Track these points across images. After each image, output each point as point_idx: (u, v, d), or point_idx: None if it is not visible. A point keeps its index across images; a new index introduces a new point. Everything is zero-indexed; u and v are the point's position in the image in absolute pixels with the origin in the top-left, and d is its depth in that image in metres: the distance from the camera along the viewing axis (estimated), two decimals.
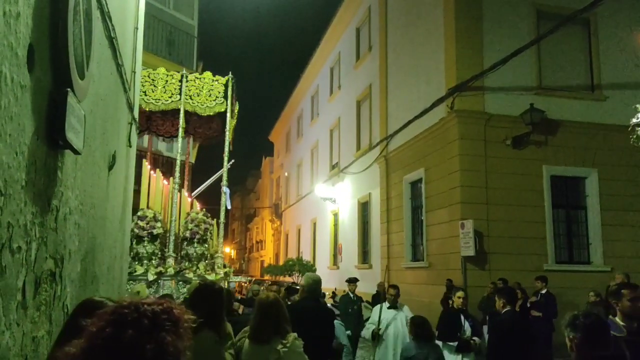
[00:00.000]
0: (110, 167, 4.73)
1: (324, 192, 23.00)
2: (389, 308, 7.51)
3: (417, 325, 5.58)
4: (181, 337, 1.32)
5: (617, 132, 13.21)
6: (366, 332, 7.57)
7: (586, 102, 13.46)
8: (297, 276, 21.60)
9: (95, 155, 3.93)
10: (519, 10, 13.41)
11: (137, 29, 6.21)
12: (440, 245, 13.29)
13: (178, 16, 17.75)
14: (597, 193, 13.06)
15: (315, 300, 5.47)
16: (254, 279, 25.28)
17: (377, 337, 7.20)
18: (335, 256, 22.89)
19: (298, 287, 8.61)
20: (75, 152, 2.90)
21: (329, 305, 10.86)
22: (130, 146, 6.29)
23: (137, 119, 6.99)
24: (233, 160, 12.47)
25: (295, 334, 3.91)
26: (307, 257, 26.06)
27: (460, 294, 6.86)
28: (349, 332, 10.03)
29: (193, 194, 9.80)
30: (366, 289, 14.63)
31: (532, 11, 13.48)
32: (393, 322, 7.39)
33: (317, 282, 5.51)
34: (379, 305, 7.56)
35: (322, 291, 6.45)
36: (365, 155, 18.90)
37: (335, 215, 23.02)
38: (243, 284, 19.50)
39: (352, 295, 10.86)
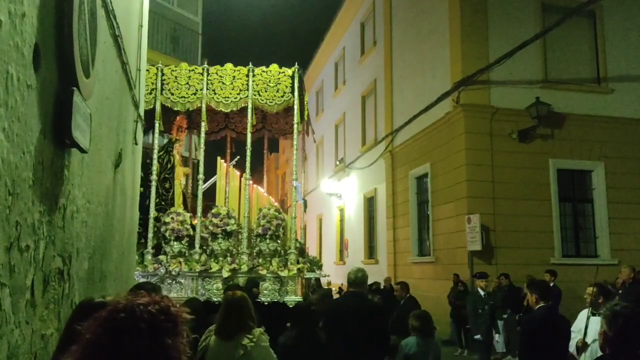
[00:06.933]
0: (117, 165, 4.75)
1: (330, 188, 22.99)
2: (593, 314, 5.50)
3: (420, 320, 5.19)
4: (181, 336, 1.27)
5: (623, 125, 13.17)
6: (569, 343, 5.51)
7: (592, 95, 13.38)
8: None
9: (101, 153, 3.95)
10: (524, 3, 13.32)
11: (141, 26, 6.21)
12: (446, 240, 13.27)
13: (182, 13, 17.74)
14: (603, 186, 13.00)
15: (359, 296, 5.01)
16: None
17: (583, 351, 5.39)
18: (341, 251, 22.89)
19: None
20: (82, 150, 2.92)
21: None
22: (136, 144, 6.30)
23: (143, 117, 7.00)
24: (238, 157, 12.44)
25: (262, 329, 3.97)
26: (313, 252, 26.07)
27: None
28: (478, 336, 9.09)
29: (201, 188, 9.77)
30: None
31: (538, 4, 13.39)
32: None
33: (357, 274, 4.99)
34: (584, 311, 5.77)
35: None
36: (371, 150, 18.87)
37: (341, 210, 23.01)
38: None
39: (482, 293, 9.45)
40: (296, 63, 9.28)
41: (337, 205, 23.42)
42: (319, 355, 4.73)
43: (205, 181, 10.03)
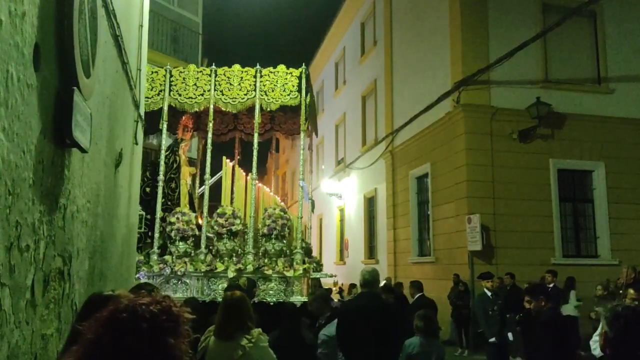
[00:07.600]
0: (117, 165, 4.75)
1: (330, 188, 22.99)
2: None
3: (424, 320, 5.15)
4: (182, 336, 1.26)
5: (624, 125, 13.17)
6: (594, 346, 5.30)
7: (593, 95, 13.37)
8: None
9: (102, 153, 3.94)
10: (524, 3, 13.32)
11: (141, 26, 6.21)
12: (446, 240, 13.27)
13: (182, 13, 17.75)
14: (604, 186, 13.00)
15: (372, 296, 4.95)
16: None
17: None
18: (341, 252, 22.89)
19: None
20: (82, 150, 2.91)
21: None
22: (136, 144, 6.30)
23: (144, 117, 7.00)
24: (239, 157, 12.43)
25: (260, 330, 3.96)
26: (313, 252, 26.04)
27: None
28: (493, 339, 8.85)
29: (200, 189, 9.73)
30: None
31: (538, 4, 13.40)
32: None
33: (372, 273, 4.97)
34: None
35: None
36: (371, 150, 18.87)
37: (342, 210, 23.00)
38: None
39: (489, 294, 9.31)
40: (303, 64, 9.33)
41: (337, 205, 23.42)
42: (302, 355, 4.71)
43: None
